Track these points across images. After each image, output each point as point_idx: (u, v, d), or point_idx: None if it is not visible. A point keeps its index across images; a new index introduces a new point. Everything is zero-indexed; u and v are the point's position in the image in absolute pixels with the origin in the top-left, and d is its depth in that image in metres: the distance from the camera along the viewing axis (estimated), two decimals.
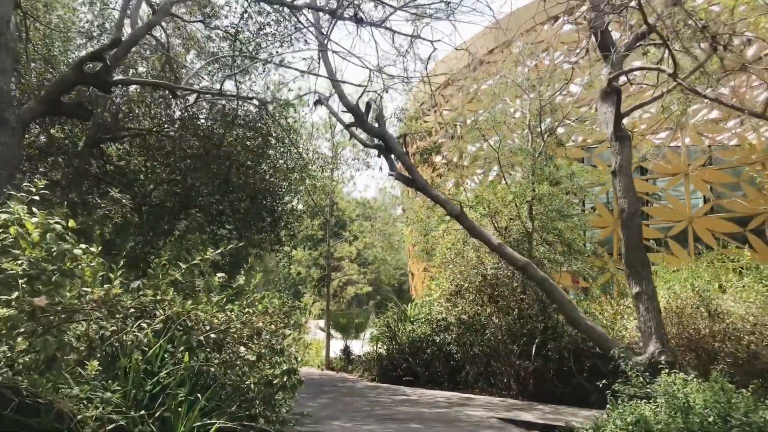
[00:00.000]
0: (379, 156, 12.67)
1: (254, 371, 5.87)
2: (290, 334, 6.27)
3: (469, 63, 14.10)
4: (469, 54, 13.30)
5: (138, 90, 15.82)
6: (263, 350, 6.10)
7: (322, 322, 28.12)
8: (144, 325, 5.35)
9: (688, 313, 11.94)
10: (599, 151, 25.76)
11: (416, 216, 17.88)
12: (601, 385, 11.98)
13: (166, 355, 5.43)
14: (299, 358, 6.45)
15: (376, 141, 11.59)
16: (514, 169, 16.48)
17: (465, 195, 16.30)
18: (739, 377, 9.15)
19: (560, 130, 18.49)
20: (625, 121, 23.77)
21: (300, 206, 17.97)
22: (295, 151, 17.29)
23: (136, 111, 15.72)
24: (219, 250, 6.40)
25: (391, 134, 11.04)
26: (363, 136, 12.78)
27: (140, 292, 5.87)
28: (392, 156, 11.04)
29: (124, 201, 9.56)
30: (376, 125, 10.86)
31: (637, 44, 10.14)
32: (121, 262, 5.62)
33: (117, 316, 5.55)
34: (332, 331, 24.11)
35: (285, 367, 5.97)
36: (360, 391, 15.22)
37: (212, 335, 5.68)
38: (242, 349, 6.04)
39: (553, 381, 13.15)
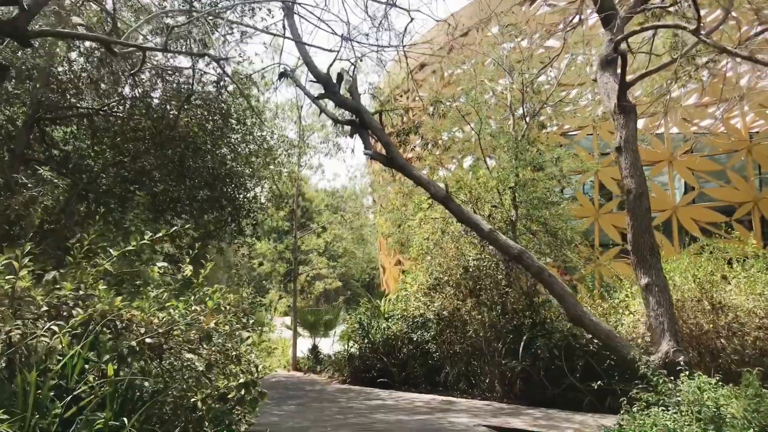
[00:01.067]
0: (351, 136, 11.56)
1: (203, 384, 4.75)
2: (249, 337, 5.14)
3: (448, 34, 13.06)
4: (449, 26, 12.31)
5: (83, 66, 14.52)
6: (215, 357, 5.00)
7: (288, 320, 26.94)
8: (55, 327, 4.18)
9: (689, 306, 11.15)
10: (579, 137, 25.07)
11: (391, 204, 16.80)
12: (596, 387, 11.22)
13: (87, 366, 4.28)
14: (260, 366, 5.32)
15: (348, 116, 10.51)
16: (495, 152, 15.52)
17: (444, 182, 15.30)
18: None
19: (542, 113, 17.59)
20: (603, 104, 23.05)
21: (263, 195, 16.72)
22: (258, 134, 16.11)
23: (82, 87, 14.39)
24: (160, 234, 5.25)
25: (366, 108, 9.96)
26: (335, 111, 11.65)
27: (56, 286, 4.70)
28: (368, 133, 9.96)
29: (56, 182, 8.30)
30: (349, 97, 9.76)
31: (641, 8, 9.23)
32: (27, 248, 4.42)
33: (26, 315, 4.42)
34: (299, 329, 22.96)
35: (242, 379, 4.86)
36: (331, 395, 14.13)
37: (148, 339, 4.54)
38: (188, 356, 4.92)
39: (542, 382, 12.24)
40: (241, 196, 14.99)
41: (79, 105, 14.46)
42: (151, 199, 13.92)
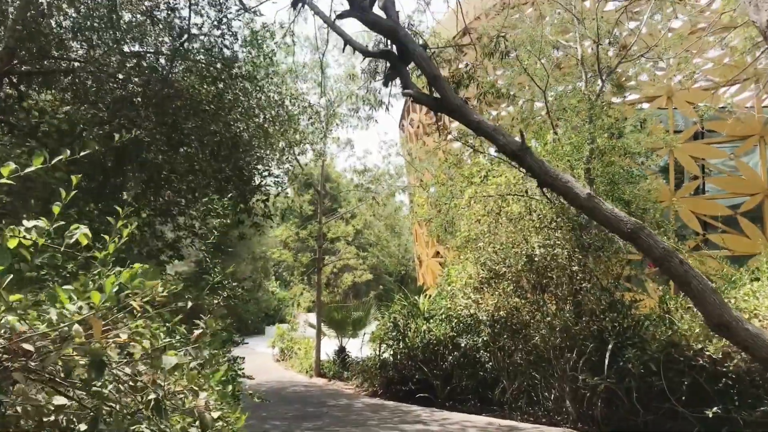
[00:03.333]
0: (386, 83, 9.12)
1: None
2: (181, 366, 2.68)
3: None
4: None
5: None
6: (116, 401, 2.64)
7: (313, 316, 24.68)
8: None
9: None
10: (653, 110, 22.16)
11: (435, 177, 14.19)
12: (710, 414, 8.78)
13: None
14: (223, 418, 2.91)
15: (381, 47, 8.08)
16: (566, 113, 12.87)
17: (519, 130, 12.75)
18: None
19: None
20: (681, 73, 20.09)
21: (278, 167, 14.27)
22: (275, 95, 13.77)
23: (65, 37, 12.39)
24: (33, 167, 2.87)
25: (406, 31, 7.50)
26: (362, 41, 9.19)
27: None
28: (407, 68, 7.50)
29: None
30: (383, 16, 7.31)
31: None
32: None
33: None
34: (324, 328, 20.66)
35: None
36: (358, 413, 11.75)
37: None
38: (60, 401, 2.54)
39: (632, 404, 9.68)
40: (250, 166, 12.59)
41: (63, 57, 12.46)
42: (138, 168, 11.67)
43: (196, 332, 2.89)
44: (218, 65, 12.01)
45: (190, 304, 3.10)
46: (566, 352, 10.74)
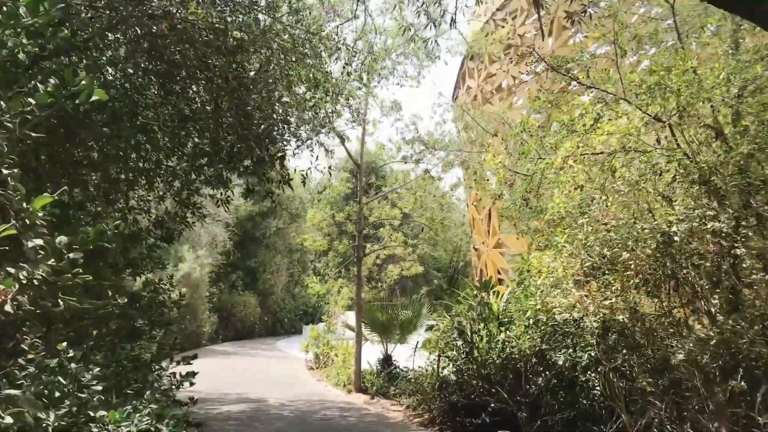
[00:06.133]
0: None
1: None
2: None
3: None
4: None
5: None
6: None
7: (352, 315, 21.69)
8: None
9: None
10: None
11: (522, 125, 10.74)
12: None
13: None
14: None
15: None
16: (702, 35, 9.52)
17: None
18: None
19: None
20: None
21: (297, 123, 11.12)
22: (297, 29, 10.73)
23: None
24: None
25: None
26: None
27: None
28: None
29: None
30: None
31: None
32: None
33: None
34: (365, 331, 17.66)
35: None
36: None
37: None
38: None
39: None
40: (260, 113, 9.52)
41: None
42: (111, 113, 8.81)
43: None
44: None
45: None
46: (724, 377, 7.49)
